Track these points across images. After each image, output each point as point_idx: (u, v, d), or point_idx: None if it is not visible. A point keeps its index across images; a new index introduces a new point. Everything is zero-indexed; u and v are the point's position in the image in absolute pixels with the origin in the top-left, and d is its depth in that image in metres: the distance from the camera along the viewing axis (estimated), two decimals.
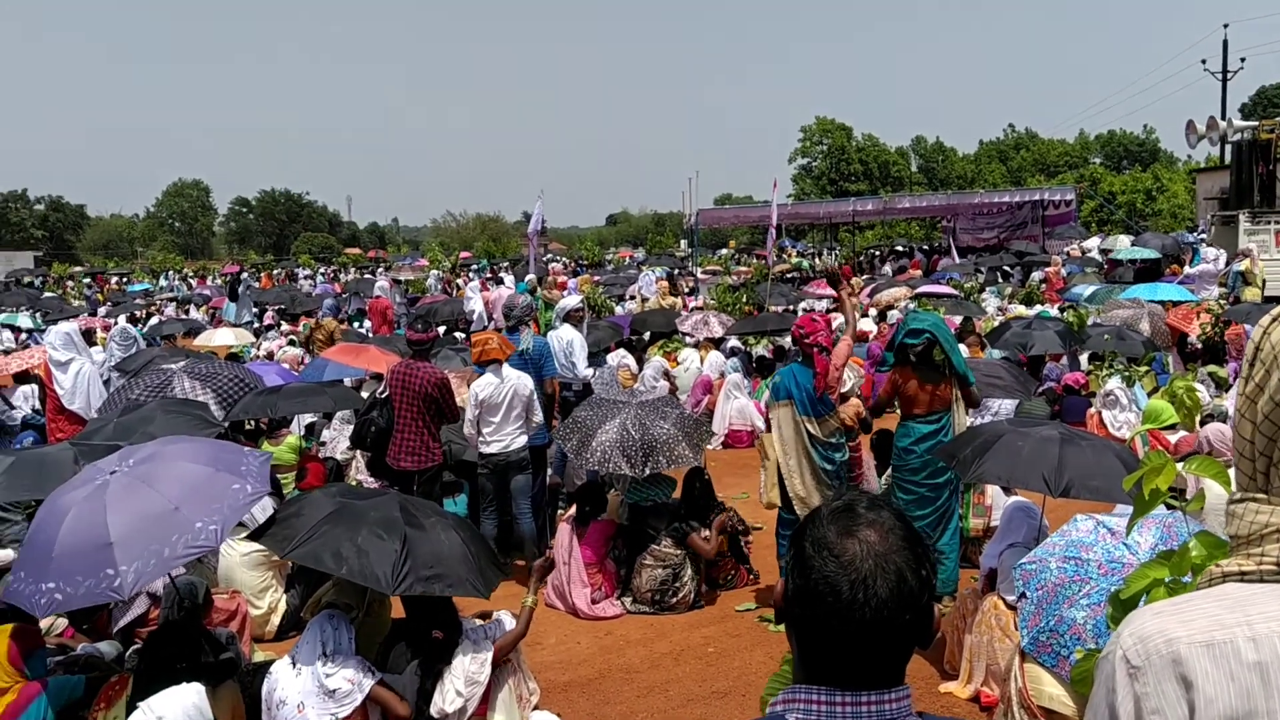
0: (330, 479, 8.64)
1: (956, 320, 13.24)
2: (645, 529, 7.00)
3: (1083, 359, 12.41)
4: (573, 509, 7.23)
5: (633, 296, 23.55)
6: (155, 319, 23.28)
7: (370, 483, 8.50)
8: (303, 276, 44.19)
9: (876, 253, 42.93)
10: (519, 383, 7.36)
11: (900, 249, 42.26)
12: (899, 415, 6.82)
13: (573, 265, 42.62)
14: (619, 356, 13.20)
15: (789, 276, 28.24)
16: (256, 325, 22.22)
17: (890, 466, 7.16)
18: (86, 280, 43.54)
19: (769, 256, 22.41)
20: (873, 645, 1.36)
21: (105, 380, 10.43)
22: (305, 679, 4.40)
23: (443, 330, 16.42)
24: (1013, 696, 4.47)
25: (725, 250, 50.32)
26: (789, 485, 6.55)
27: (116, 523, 4.12)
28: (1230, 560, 1.29)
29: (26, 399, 10.66)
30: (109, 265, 60.06)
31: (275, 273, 46.98)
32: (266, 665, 4.76)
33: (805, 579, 1.39)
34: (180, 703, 4.06)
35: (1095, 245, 27.05)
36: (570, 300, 10.65)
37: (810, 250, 45.43)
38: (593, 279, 28.47)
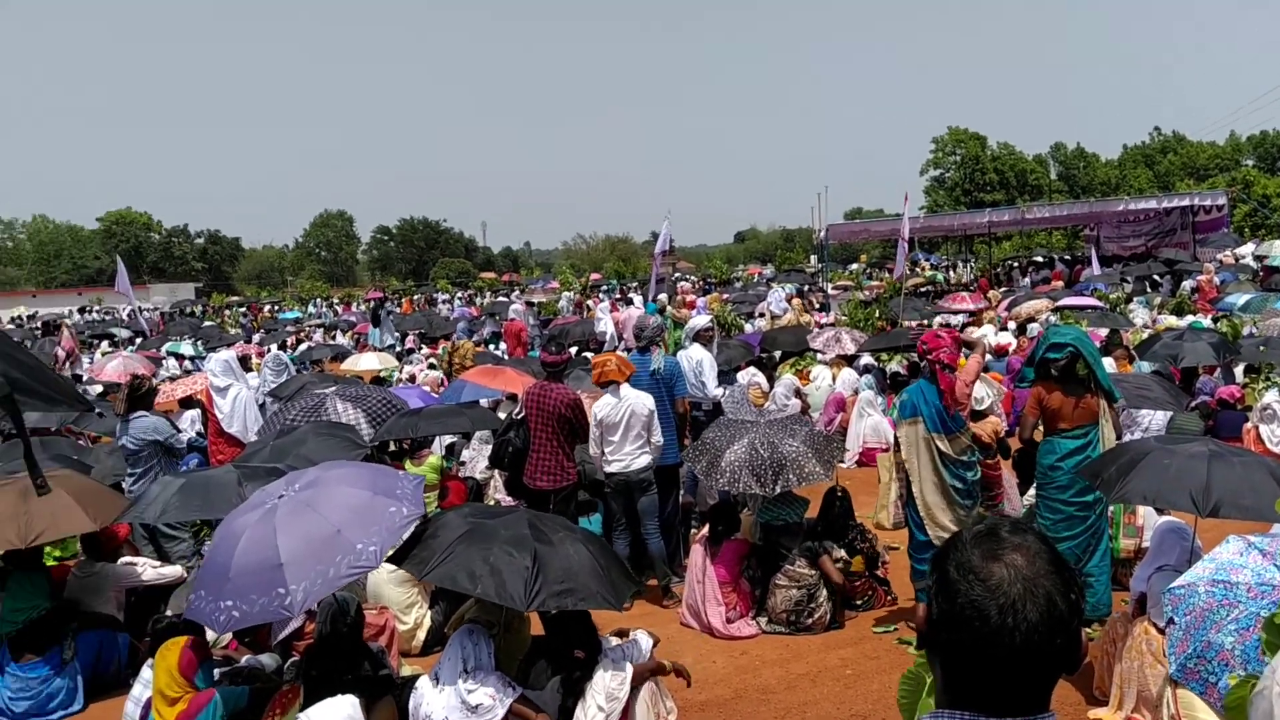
0: (470, 498, 8.91)
1: (1101, 333, 12.73)
2: (778, 549, 6.97)
3: (1238, 371, 11.79)
4: (705, 529, 7.25)
5: (762, 314, 23.46)
6: (304, 345, 24.43)
7: (508, 502, 8.71)
8: (441, 301, 45.63)
9: (1015, 264, 41.58)
10: (637, 402, 7.40)
11: (1040, 259, 40.83)
12: (1043, 431, 6.61)
13: (701, 283, 42.71)
14: (749, 375, 13.15)
15: (923, 290, 27.65)
16: (399, 349, 23.03)
17: (1034, 485, 6.94)
18: (242, 309, 46.04)
19: (901, 270, 22.01)
20: (1020, 671, 1.35)
21: (260, 404, 11.01)
22: (448, 695, 4.55)
23: (574, 351, 16.70)
24: None
25: (856, 265, 49.64)
26: (919, 504, 6.42)
27: (286, 545, 4.35)
28: None
29: (192, 423, 11.32)
30: (262, 294, 63.28)
31: (415, 298, 48.69)
32: (413, 680, 4.95)
33: (951, 604, 1.39)
34: (336, 715, 4.26)
35: (1249, 251, 25.70)
36: (700, 320, 10.69)
37: (944, 263, 44.36)
38: (722, 297, 28.49)
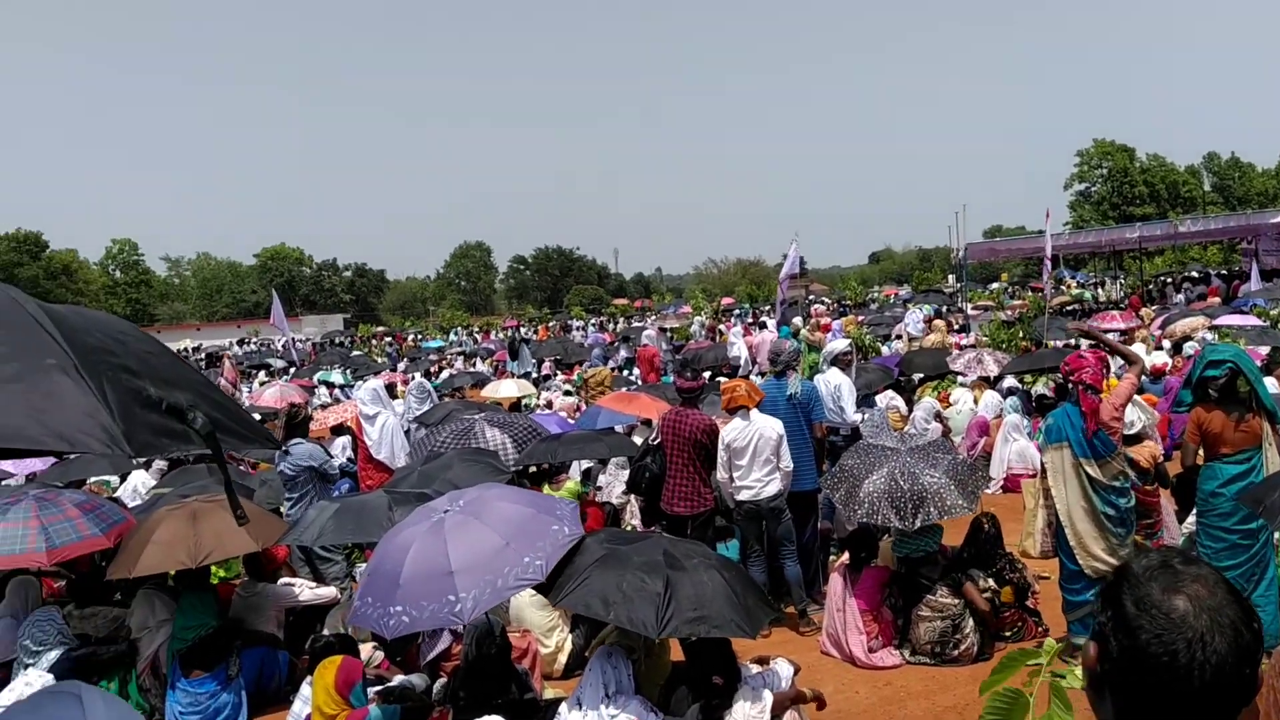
0: (607, 523, 9.02)
1: (1262, 351, 12.03)
2: (918, 578, 6.81)
3: None
4: (845, 556, 7.15)
5: (899, 336, 23.02)
6: (446, 373, 25.21)
7: (641, 528, 8.78)
8: (575, 328, 46.40)
9: (1168, 280, 39.66)
10: (766, 427, 7.34)
11: (1195, 275, 38.82)
12: (1203, 456, 6.29)
13: (835, 305, 42.20)
14: (887, 398, 12.94)
15: (1069, 309, 26.66)
16: (535, 376, 23.52)
17: (1194, 511, 6.60)
18: (388, 339, 47.84)
19: (1045, 288, 21.28)
20: (1208, 705, 1.32)
21: (405, 431, 11.41)
22: (591, 719, 4.61)
23: (707, 376, 16.73)
24: None
25: (997, 284, 48.25)
26: (1068, 532, 6.19)
27: (456, 554, 4.51)
28: None
29: (344, 449, 11.82)
30: (405, 324, 65.69)
31: (550, 325, 49.65)
32: (556, 703, 5.04)
33: (1133, 640, 1.36)
34: None
35: None
36: (838, 344, 10.58)
37: (1092, 280, 42.66)
38: (857, 319, 28.10)
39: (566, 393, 17.91)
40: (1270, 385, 8.32)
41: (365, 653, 6.14)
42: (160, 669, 6.54)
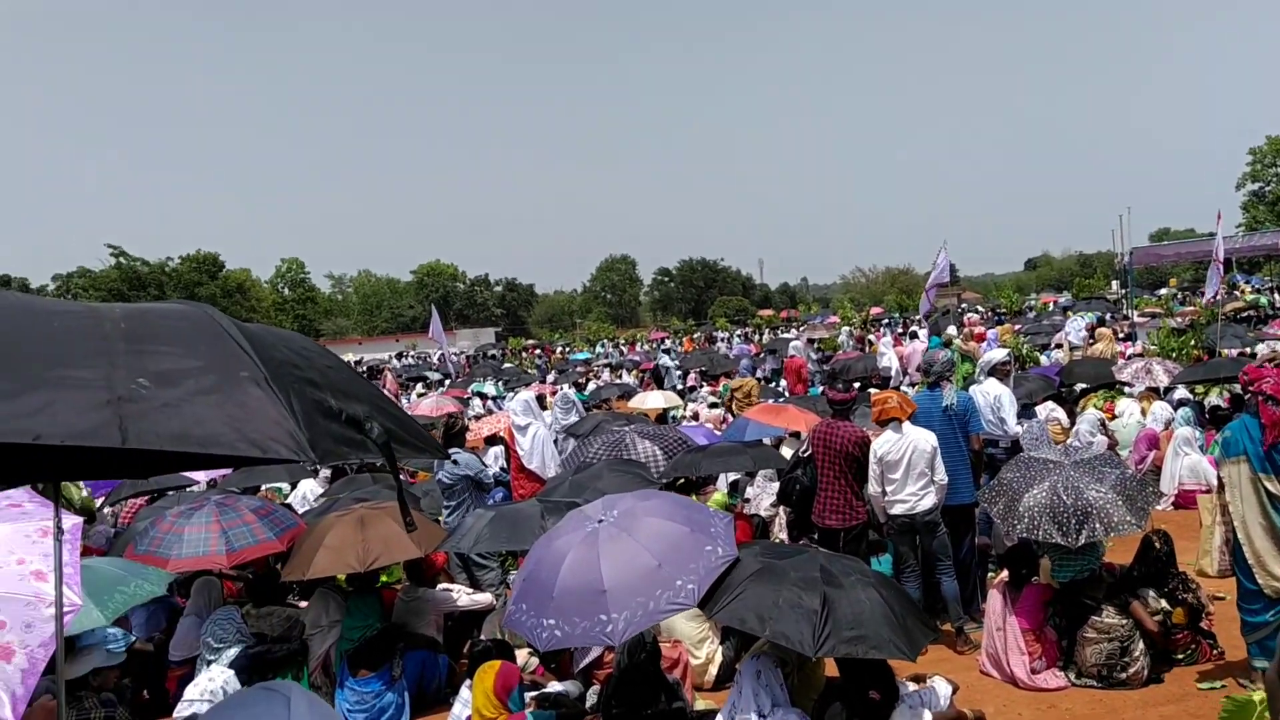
0: (756, 536, 8.98)
1: None
2: (1082, 599, 6.50)
3: None
4: (1004, 573, 6.90)
5: (1059, 345, 22.11)
6: (593, 384, 25.57)
7: (789, 540, 8.70)
8: (720, 339, 46.35)
9: None
10: (919, 440, 7.17)
11: None
12: None
13: (990, 314, 40.85)
14: (1048, 410, 12.44)
15: (1243, 315, 25.07)
16: (680, 387, 23.60)
17: None
18: (537, 351, 48.92)
19: (1218, 294, 20.07)
20: None
21: (554, 441, 11.65)
22: None
23: (857, 387, 16.46)
24: None
25: (1165, 290, 45.72)
26: (1246, 550, 5.81)
27: (609, 572, 4.54)
28: None
29: (497, 459, 12.16)
30: (554, 337, 67.03)
31: (695, 336, 49.75)
32: (707, 715, 5.04)
33: None
34: None
35: None
36: (996, 354, 10.25)
37: (1268, 285, 39.99)
38: (1013, 328, 27.12)
39: (712, 404, 17.92)
40: None
41: (521, 658, 6.29)
42: (330, 668, 6.86)
